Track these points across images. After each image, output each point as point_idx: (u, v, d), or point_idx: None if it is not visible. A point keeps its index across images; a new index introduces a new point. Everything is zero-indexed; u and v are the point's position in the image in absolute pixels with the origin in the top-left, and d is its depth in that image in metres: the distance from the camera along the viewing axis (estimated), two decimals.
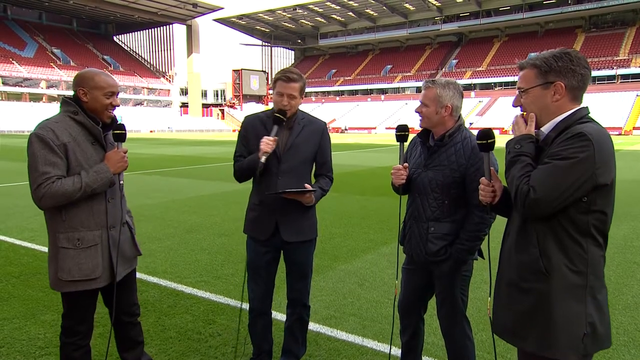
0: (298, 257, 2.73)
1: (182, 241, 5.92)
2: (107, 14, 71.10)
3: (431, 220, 2.36)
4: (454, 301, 2.42)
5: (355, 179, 12.36)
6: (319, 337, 3.28)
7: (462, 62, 68.69)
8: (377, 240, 5.99)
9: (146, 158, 19.02)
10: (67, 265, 2.21)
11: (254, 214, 2.69)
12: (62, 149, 2.14)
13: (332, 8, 70.91)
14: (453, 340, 2.48)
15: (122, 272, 2.40)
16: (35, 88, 61.53)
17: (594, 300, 1.61)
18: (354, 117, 66.59)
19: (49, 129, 2.13)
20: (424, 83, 2.39)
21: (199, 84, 79.20)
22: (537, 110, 1.68)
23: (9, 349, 3.09)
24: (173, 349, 3.11)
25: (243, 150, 2.67)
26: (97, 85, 2.22)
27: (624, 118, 48.62)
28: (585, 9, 59.99)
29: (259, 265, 2.70)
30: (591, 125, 1.58)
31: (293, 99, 2.57)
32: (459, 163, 2.30)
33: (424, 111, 2.35)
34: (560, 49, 1.67)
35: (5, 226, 6.59)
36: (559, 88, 1.62)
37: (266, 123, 2.63)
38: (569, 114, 1.64)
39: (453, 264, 2.34)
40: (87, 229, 2.24)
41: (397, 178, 2.37)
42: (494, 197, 1.84)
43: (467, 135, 2.36)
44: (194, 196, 9.50)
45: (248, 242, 2.76)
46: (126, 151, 2.32)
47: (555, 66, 1.63)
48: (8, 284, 4.29)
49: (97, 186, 2.18)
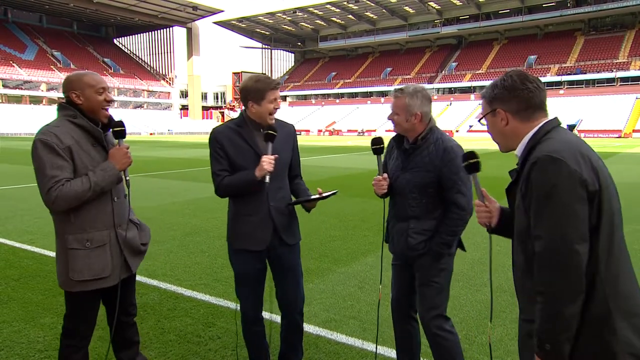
0: (291, 261, 2.69)
1: (181, 244, 5.92)
2: (107, 17, 71.29)
3: (411, 219, 2.50)
4: (431, 294, 2.48)
5: (354, 182, 12.36)
6: (318, 340, 3.27)
7: (461, 65, 68.79)
8: (377, 243, 5.98)
9: (146, 161, 19.02)
10: (78, 265, 2.24)
11: (247, 226, 2.60)
12: (67, 152, 2.16)
13: (332, 11, 71.08)
14: (428, 332, 2.49)
15: (135, 267, 2.47)
16: (36, 91, 61.64)
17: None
18: (354, 119, 66.62)
19: (51, 133, 2.15)
20: (393, 92, 2.49)
21: (199, 87, 79.34)
22: (497, 137, 1.69)
23: (9, 352, 3.09)
24: (173, 352, 3.11)
25: (224, 165, 2.54)
26: (88, 85, 2.23)
27: (623, 121, 48.64)
28: (584, 12, 60.13)
29: (251, 276, 2.65)
30: (546, 145, 1.49)
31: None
32: (433, 164, 2.41)
33: (396, 119, 2.47)
34: (506, 73, 1.65)
35: (5, 229, 6.59)
36: (501, 114, 1.63)
37: (242, 133, 2.54)
38: (535, 132, 1.58)
39: (432, 257, 2.46)
40: (95, 230, 2.27)
41: (378, 188, 2.54)
42: (491, 218, 1.78)
43: (439, 136, 2.46)
44: (194, 199, 9.49)
45: (235, 255, 2.68)
46: (128, 147, 2.33)
47: (493, 94, 1.64)
48: (7, 287, 4.29)
49: (105, 184, 2.22)
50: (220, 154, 2.54)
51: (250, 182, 2.48)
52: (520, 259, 1.59)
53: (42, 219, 7.27)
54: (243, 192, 2.57)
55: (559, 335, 1.40)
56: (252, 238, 2.60)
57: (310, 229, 6.55)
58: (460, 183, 2.38)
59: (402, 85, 2.49)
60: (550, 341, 1.41)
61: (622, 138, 44.57)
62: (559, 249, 1.39)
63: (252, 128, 2.57)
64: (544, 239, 1.41)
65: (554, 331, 1.40)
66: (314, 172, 14.22)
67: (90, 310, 2.38)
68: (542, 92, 1.61)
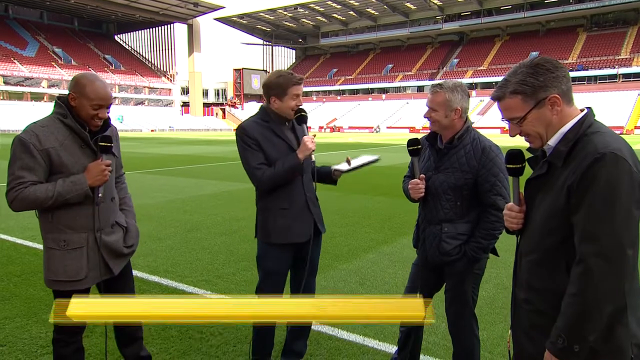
0: (317, 252, 2.77)
1: (183, 240, 5.93)
2: (108, 13, 71.13)
3: (444, 222, 2.37)
4: (464, 299, 2.42)
5: (356, 178, 12.32)
6: (320, 337, 3.28)
7: (463, 61, 68.60)
8: (378, 240, 5.99)
9: (147, 157, 19.03)
10: (53, 265, 2.25)
11: (285, 220, 2.56)
12: (44, 154, 2.15)
13: (333, 7, 70.86)
14: (460, 338, 2.48)
15: (118, 268, 2.41)
16: (37, 87, 61.58)
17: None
18: (355, 116, 66.56)
19: (33, 133, 2.15)
20: (431, 87, 2.38)
21: (200, 83, 79.21)
22: (543, 130, 1.54)
23: (11, 347, 3.10)
24: (174, 347, 3.12)
25: (261, 158, 2.53)
26: (86, 95, 2.18)
27: (625, 117, 48.53)
28: (586, 8, 59.83)
29: (282, 272, 2.65)
30: (603, 140, 1.43)
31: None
32: (470, 165, 2.31)
33: (434, 116, 2.35)
34: (526, 65, 1.53)
35: (6, 225, 6.61)
36: (555, 100, 1.50)
37: (272, 127, 2.56)
38: (576, 122, 1.51)
39: (467, 262, 2.35)
40: (73, 231, 2.24)
41: (415, 192, 2.39)
42: (520, 223, 1.65)
43: (476, 136, 2.37)
44: (195, 195, 9.50)
45: (270, 250, 2.62)
46: (109, 164, 2.25)
47: (538, 82, 1.50)
48: (10, 283, 4.30)
49: (70, 197, 2.17)
50: (255, 148, 2.53)
51: (296, 166, 2.49)
52: (535, 250, 1.56)
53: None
54: (287, 180, 2.55)
55: (589, 336, 1.37)
56: (292, 231, 2.57)
57: None
58: (500, 185, 2.28)
59: (440, 80, 2.41)
60: (579, 341, 1.39)
61: (625, 135, 44.48)
62: (614, 251, 1.35)
63: (278, 122, 2.59)
64: (602, 240, 1.35)
65: (585, 330, 1.38)
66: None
67: None
68: None
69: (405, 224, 6.80)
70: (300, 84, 2.55)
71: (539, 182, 1.57)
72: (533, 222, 1.58)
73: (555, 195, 1.48)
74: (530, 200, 1.61)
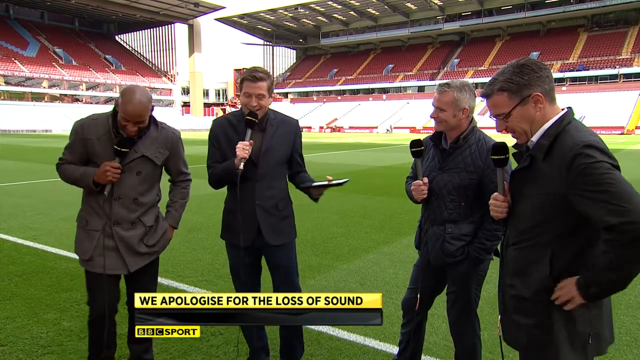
0: (281, 260, 2.67)
1: (183, 240, 5.93)
2: (109, 14, 71.16)
3: (448, 222, 2.35)
4: (467, 300, 2.42)
5: (356, 178, 12.34)
6: (320, 337, 3.28)
7: (463, 61, 68.56)
8: (379, 240, 5.99)
9: None
10: (76, 240, 2.55)
11: (233, 221, 2.58)
12: (82, 142, 2.44)
13: (333, 7, 70.84)
14: (463, 339, 2.48)
15: (133, 265, 2.52)
16: (37, 87, 61.60)
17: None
18: (356, 116, 66.53)
19: (82, 123, 2.46)
20: (438, 87, 2.36)
21: (200, 84, 79.26)
22: (527, 126, 1.67)
23: (12, 347, 3.10)
24: (175, 347, 3.12)
25: (217, 156, 2.56)
26: (121, 109, 2.34)
27: (626, 117, 48.44)
28: (587, 8, 59.76)
29: (241, 270, 2.66)
30: (580, 133, 1.58)
31: (262, 99, 2.45)
32: (475, 165, 2.29)
33: (441, 116, 2.32)
34: (513, 65, 1.65)
35: (7, 225, 6.61)
36: (538, 98, 1.62)
37: (236, 126, 2.52)
38: (557, 119, 1.63)
39: (470, 264, 2.34)
40: (95, 215, 2.48)
41: (418, 194, 2.38)
42: (505, 212, 1.77)
43: (482, 136, 2.36)
44: (196, 195, 9.45)
45: (227, 247, 2.72)
46: (116, 167, 2.37)
47: (523, 81, 1.62)
48: (11, 283, 4.30)
49: (80, 185, 2.48)
50: (215, 145, 2.59)
51: (228, 170, 2.47)
52: (520, 238, 1.68)
53: (45, 215, 7.29)
54: (225, 181, 2.57)
55: (615, 289, 1.53)
56: (236, 233, 2.56)
57: (312, 225, 6.56)
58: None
59: (447, 80, 2.39)
60: (606, 289, 1.53)
61: (625, 135, 44.43)
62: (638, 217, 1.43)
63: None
64: (630, 211, 1.42)
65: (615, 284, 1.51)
66: (315, 169, 14.20)
67: (91, 287, 2.53)
68: None
69: (405, 224, 6.80)
70: (252, 81, 2.41)
71: (522, 174, 1.69)
72: (518, 212, 1.71)
73: (539, 186, 1.61)
74: (515, 191, 1.72)
